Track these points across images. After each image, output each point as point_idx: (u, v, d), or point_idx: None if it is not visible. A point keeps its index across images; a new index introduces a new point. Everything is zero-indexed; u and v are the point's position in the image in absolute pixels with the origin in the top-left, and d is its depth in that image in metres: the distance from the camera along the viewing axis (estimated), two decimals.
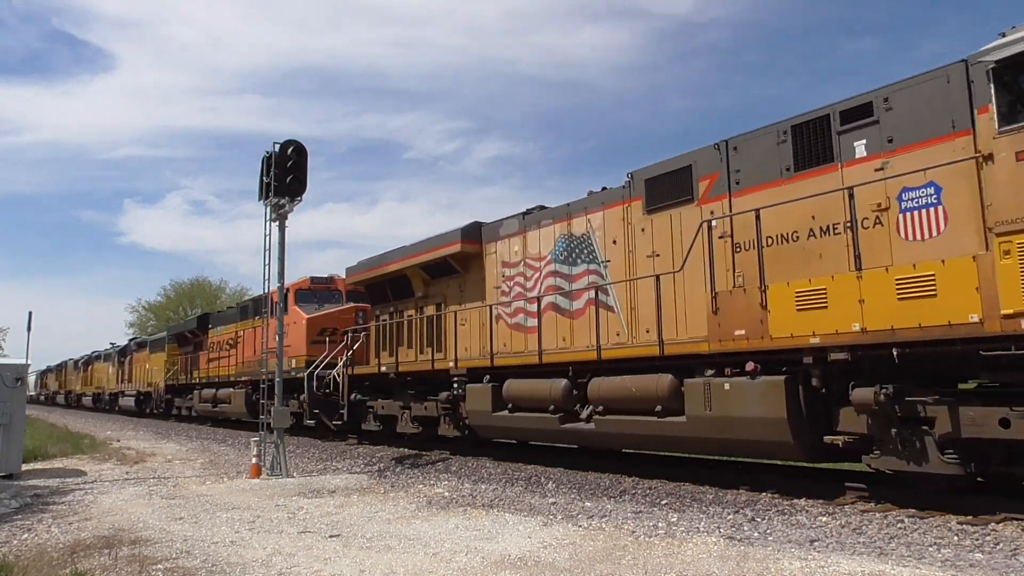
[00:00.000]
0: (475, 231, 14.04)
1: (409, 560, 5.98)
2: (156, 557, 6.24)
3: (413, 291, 15.97)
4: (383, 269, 16.68)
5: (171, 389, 32.03)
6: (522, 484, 10.47)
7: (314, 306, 20.50)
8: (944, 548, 5.97)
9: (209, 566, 5.92)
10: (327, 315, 20.11)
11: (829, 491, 8.43)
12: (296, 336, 19.49)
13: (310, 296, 21.00)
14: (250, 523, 7.85)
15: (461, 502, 9.01)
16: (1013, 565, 5.42)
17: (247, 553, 6.37)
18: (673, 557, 5.83)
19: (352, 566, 5.84)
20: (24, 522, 8.09)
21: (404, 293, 16.32)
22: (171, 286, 68.48)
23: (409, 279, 15.95)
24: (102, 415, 40.44)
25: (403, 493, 9.95)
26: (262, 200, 13.10)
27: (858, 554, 5.87)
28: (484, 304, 13.58)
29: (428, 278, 15.48)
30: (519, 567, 5.67)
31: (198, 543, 6.79)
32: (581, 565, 5.66)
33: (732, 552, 5.94)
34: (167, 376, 32.06)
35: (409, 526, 7.52)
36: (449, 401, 13.81)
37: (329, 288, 21.42)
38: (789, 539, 6.46)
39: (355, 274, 18.18)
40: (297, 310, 20.27)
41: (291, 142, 13.11)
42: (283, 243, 13.18)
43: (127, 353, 40.50)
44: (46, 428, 25.43)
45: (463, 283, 14.44)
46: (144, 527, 7.63)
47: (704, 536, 6.60)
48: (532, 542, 6.54)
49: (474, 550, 6.27)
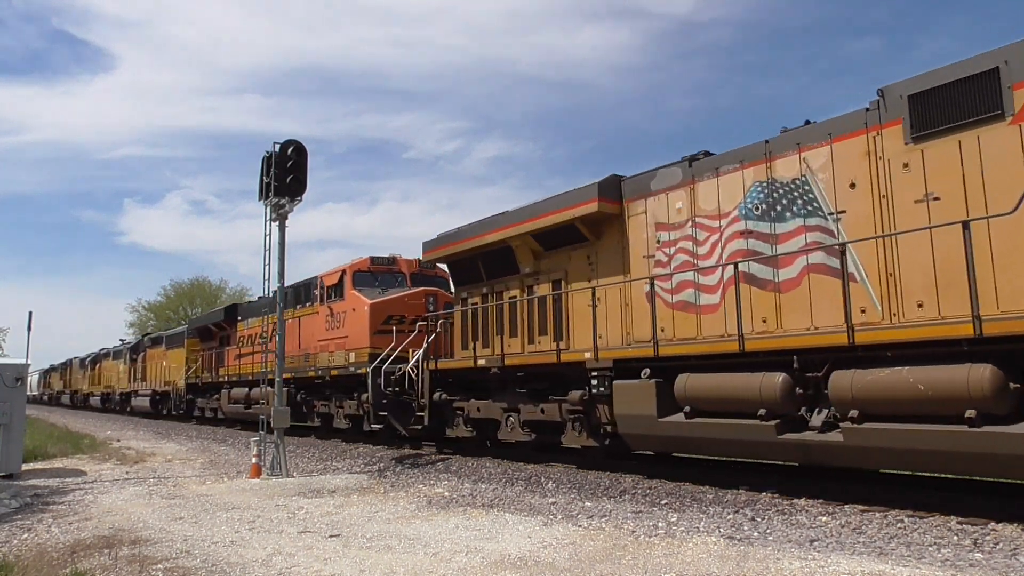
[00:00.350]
0: (614, 187, 11.17)
1: (409, 560, 5.98)
2: (156, 557, 6.24)
3: (518, 266, 13.14)
4: (475, 241, 13.85)
5: (193, 388, 29.58)
6: (522, 484, 10.47)
7: (376, 290, 17.52)
8: (944, 548, 5.97)
9: (209, 566, 5.92)
10: (393, 300, 17.08)
11: (829, 491, 8.43)
12: (356, 325, 17.14)
13: (369, 279, 17.89)
14: (250, 523, 7.85)
15: (461, 502, 9.01)
16: (1013, 565, 5.42)
17: (247, 553, 6.37)
18: (673, 557, 5.83)
19: (352, 566, 5.84)
20: (24, 522, 8.09)
21: (504, 269, 13.46)
22: (171, 286, 68.47)
23: (513, 252, 13.11)
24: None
25: (403, 493, 9.95)
26: (262, 200, 13.09)
27: (858, 554, 5.87)
28: (627, 279, 10.86)
29: (540, 250, 12.67)
30: (519, 567, 5.67)
31: (198, 543, 6.79)
32: (581, 565, 5.66)
33: (732, 552, 5.95)
34: (188, 374, 29.55)
35: (409, 526, 7.52)
36: (582, 403, 11.02)
37: (391, 270, 18.23)
38: (789, 539, 6.46)
39: (436, 249, 15.21)
40: (356, 295, 17.47)
41: (291, 142, 13.10)
42: (283, 243, 13.18)
43: (140, 350, 37.84)
44: (46, 428, 25.42)
45: (594, 253, 11.60)
46: (144, 527, 7.63)
47: (704, 536, 6.61)
48: (532, 542, 6.54)
49: (474, 550, 6.27)
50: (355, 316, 17.28)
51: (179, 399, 30.64)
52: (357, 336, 17.07)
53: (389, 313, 16.72)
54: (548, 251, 12.54)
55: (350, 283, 17.73)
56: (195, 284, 67.90)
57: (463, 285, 14.72)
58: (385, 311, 16.77)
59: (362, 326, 16.92)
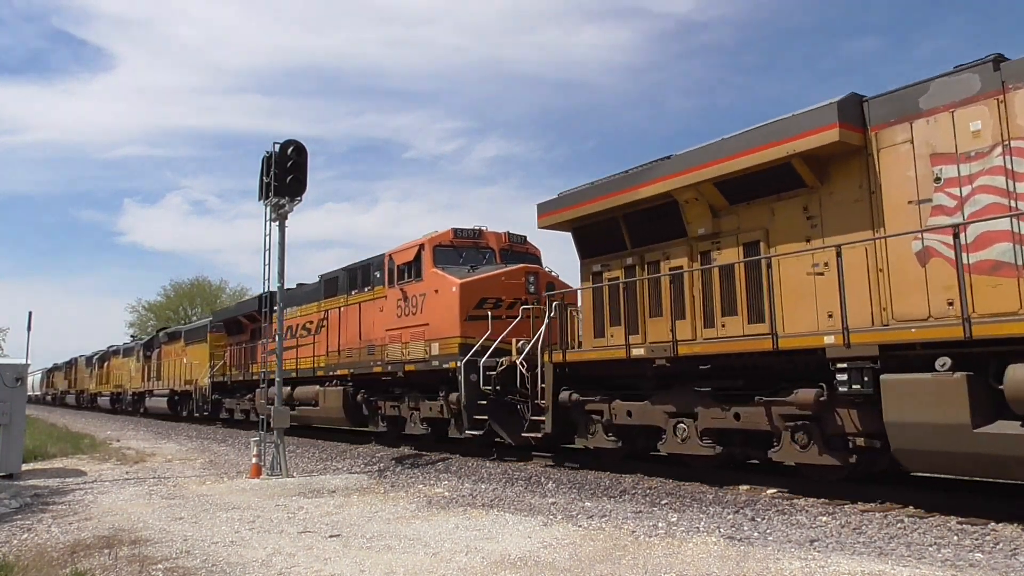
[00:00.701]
0: (855, 109, 8.29)
1: (409, 560, 5.98)
2: (156, 557, 6.24)
3: (685, 228, 10.21)
4: (617, 199, 10.80)
5: (219, 387, 26.49)
6: (522, 484, 10.47)
7: (462, 268, 14.62)
8: (944, 548, 5.97)
9: (209, 566, 5.92)
10: (488, 279, 14.08)
11: (829, 491, 8.43)
12: (441, 310, 14.25)
13: (452, 255, 14.96)
14: (250, 523, 7.86)
15: (461, 502, 9.01)
16: (1013, 565, 5.42)
17: (247, 553, 6.37)
18: (673, 557, 5.83)
19: (352, 566, 5.84)
20: (24, 522, 8.09)
21: (663, 232, 10.55)
22: (171, 286, 68.55)
23: (679, 209, 10.20)
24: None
25: (403, 493, 9.95)
26: (262, 200, 13.10)
27: (858, 554, 5.87)
28: (879, 235, 8.00)
29: (724, 203, 9.73)
30: (519, 567, 5.67)
31: (198, 543, 6.80)
32: (581, 565, 5.66)
33: (732, 552, 5.95)
34: (213, 371, 26.45)
35: (409, 526, 7.52)
36: (816, 405, 8.12)
37: (477, 244, 15.35)
38: (789, 539, 6.46)
39: (556, 211, 12.04)
40: (440, 274, 14.51)
41: (291, 142, 13.11)
42: (283, 243, 13.18)
43: (155, 346, 34.85)
44: (46, 428, 25.42)
45: (815, 203, 8.77)
46: (144, 527, 7.63)
47: (704, 536, 6.61)
48: (532, 542, 6.54)
49: (474, 550, 6.27)
50: (439, 299, 14.32)
51: (203, 399, 27.67)
52: (442, 323, 14.12)
53: (483, 295, 13.85)
54: (736, 204, 9.62)
55: (430, 260, 14.72)
56: (195, 284, 68.05)
57: (596, 256, 11.61)
58: (478, 292, 13.87)
59: (449, 311, 13.92)
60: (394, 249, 16.14)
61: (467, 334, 13.55)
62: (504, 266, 14.74)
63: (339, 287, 18.49)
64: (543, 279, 14.25)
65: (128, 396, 38.62)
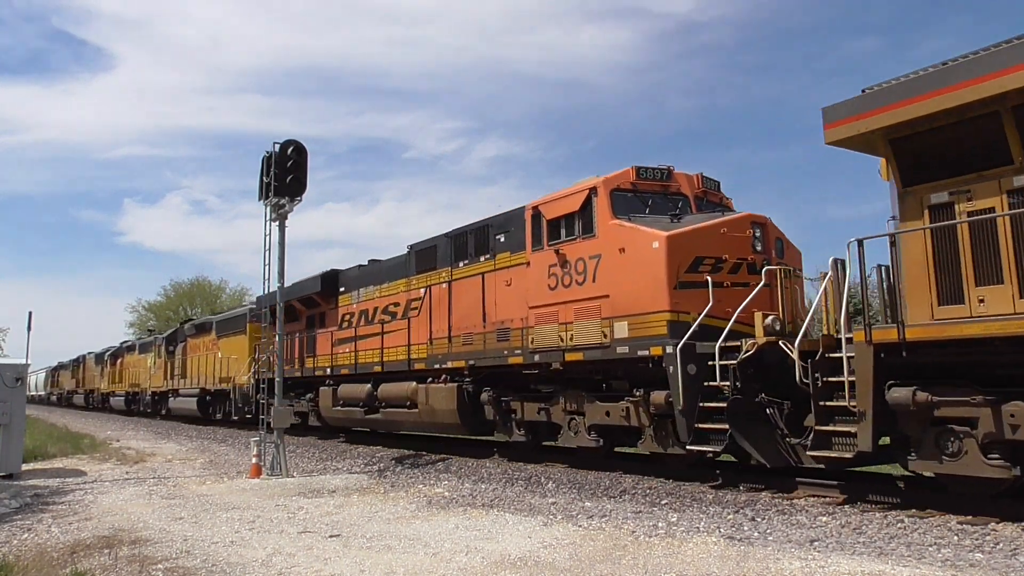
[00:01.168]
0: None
1: (409, 560, 5.98)
2: (156, 557, 6.25)
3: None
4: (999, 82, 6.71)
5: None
6: (522, 484, 10.47)
7: (658, 219, 10.68)
8: (944, 548, 5.97)
9: (209, 566, 5.93)
10: (706, 231, 10.22)
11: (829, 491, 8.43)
12: (634, 275, 10.23)
13: (634, 203, 10.99)
14: (250, 523, 7.86)
15: (461, 502, 9.01)
16: (1013, 565, 5.43)
17: (247, 553, 6.37)
18: (673, 557, 5.83)
19: (352, 566, 5.84)
20: (24, 522, 8.09)
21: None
22: (171, 286, 68.43)
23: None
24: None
25: (403, 493, 9.95)
26: (262, 200, 13.11)
27: (858, 554, 5.87)
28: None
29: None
30: (519, 567, 5.68)
31: (198, 543, 6.80)
32: (581, 565, 5.66)
33: (732, 552, 5.95)
34: (255, 367, 21.69)
35: (409, 526, 7.52)
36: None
37: (666, 188, 11.36)
38: (789, 539, 6.47)
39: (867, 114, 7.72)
40: (627, 226, 10.51)
41: (291, 142, 13.12)
42: (283, 243, 13.19)
43: (179, 340, 31.39)
44: (46, 428, 25.44)
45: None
46: (144, 527, 7.63)
47: (704, 536, 6.61)
48: (532, 542, 6.54)
49: (474, 550, 6.27)
50: (627, 261, 10.34)
51: (244, 400, 23.67)
52: (635, 293, 10.18)
53: (699, 253, 10.01)
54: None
55: (607, 208, 10.76)
56: (195, 284, 68.02)
57: (940, 179, 7.49)
58: (692, 249, 9.97)
59: (648, 276, 10.00)
60: (541, 200, 12.09)
61: (679, 307, 9.73)
62: (721, 214, 10.97)
63: (439, 258, 14.76)
64: (771, 233, 10.70)
65: (147, 396, 35.07)
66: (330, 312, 19.01)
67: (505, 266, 12.78)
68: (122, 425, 29.68)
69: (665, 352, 9.53)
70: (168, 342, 32.80)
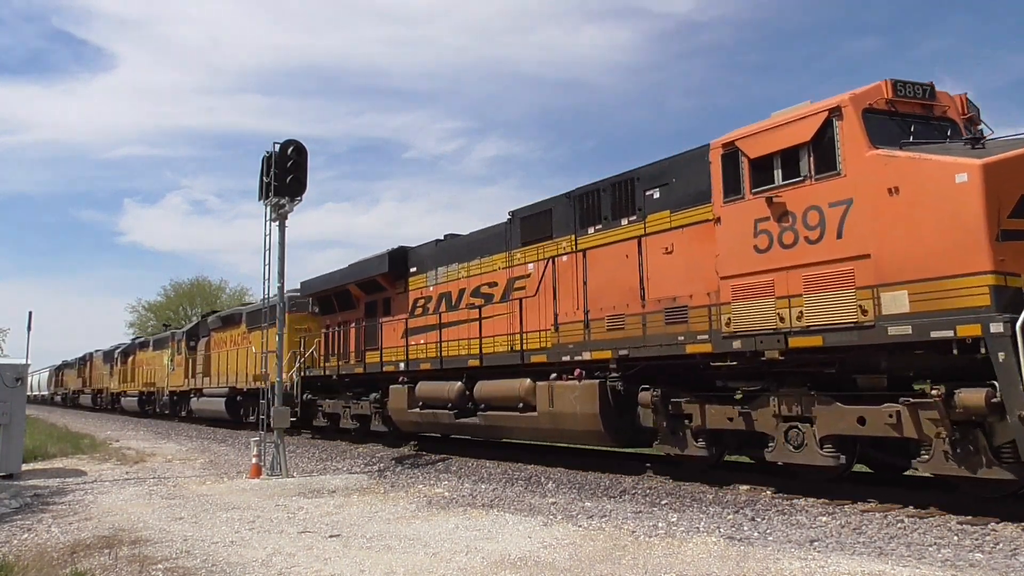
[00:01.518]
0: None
1: (409, 560, 5.98)
2: (156, 557, 6.25)
3: None
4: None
5: (311, 384, 19.38)
6: (522, 484, 10.47)
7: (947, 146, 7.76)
8: (944, 548, 5.97)
9: (209, 566, 5.93)
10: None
11: (829, 491, 8.43)
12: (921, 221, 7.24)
13: (892, 128, 8.00)
14: (250, 523, 7.86)
15: (461, 502, 9.01)
16: (1013, 565, 5.43)
17: (247, 553, 6.37)
18: (673, 557, 5.83)
19: (352, 566, 5.84)
20: (24, 522, 8.10)
21: None
22: (171, 286, 68.40)
23: None
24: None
25: (403, 493, 9.95)
26: (262, 200, 13.11)
27: (858, 554, 5.87)
28: None
29: None
30: (519, 567, 5.68)
31: (198, 543, 6.80)
32: (581, 565, 5.66)
33: (732, 552, 5.95)
34: (301, 362, 19.25)
35: (409, 526, 7.52)
36: None
37: (929, 108, 8.42)
38: (789, 539, 6.46)
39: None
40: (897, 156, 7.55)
41: (291, 142, 13.12)
42: (283, 243, 13.19)
43: (201, 334, 28.54)
44: (46, 428, 25.43)
45: None
46: (144, 527, 7.63)
47: (704, 536, 6.61)
48: (532, 542, 6.54)
49: (474, 550, 6.27)
50: (905, 203, 7.36)
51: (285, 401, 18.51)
52: (919, 248, 7.23)
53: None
54: None
55: (859, 133, 7.83)
56: (195, 284, 68.01)
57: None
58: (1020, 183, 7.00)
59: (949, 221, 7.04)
60: (736, 133, 9.15)
61: (1005, 266, 6.82)
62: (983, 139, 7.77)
63: (556, 225, 11.99)
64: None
65: (164, 396, 31.73)
66: (397, 297, 16.22)
67: (662, 229, 10.07)
68: (122, 425, 29.66)
69: (988, 332, 6.59)
70: (189, 337, 29.52)
